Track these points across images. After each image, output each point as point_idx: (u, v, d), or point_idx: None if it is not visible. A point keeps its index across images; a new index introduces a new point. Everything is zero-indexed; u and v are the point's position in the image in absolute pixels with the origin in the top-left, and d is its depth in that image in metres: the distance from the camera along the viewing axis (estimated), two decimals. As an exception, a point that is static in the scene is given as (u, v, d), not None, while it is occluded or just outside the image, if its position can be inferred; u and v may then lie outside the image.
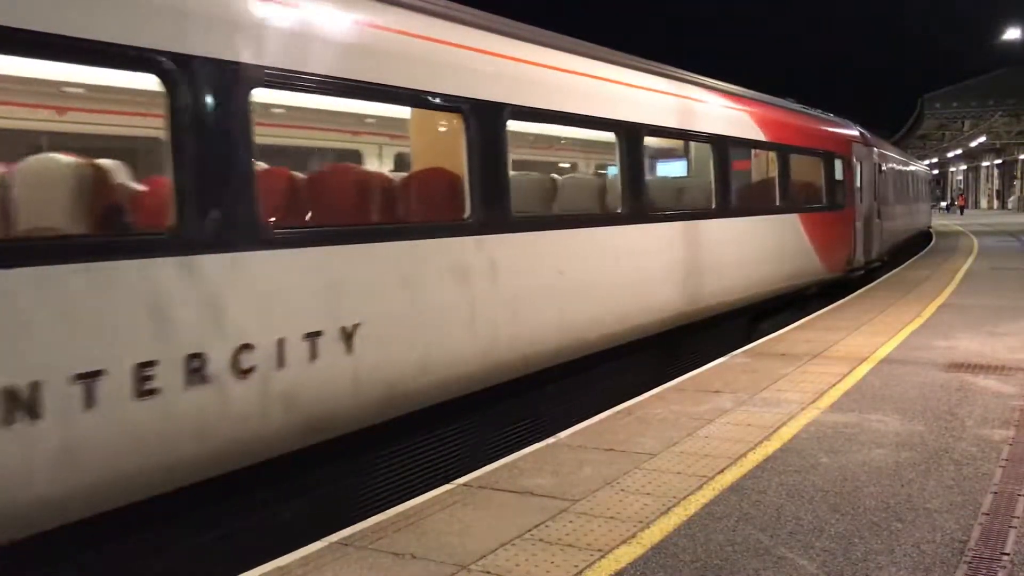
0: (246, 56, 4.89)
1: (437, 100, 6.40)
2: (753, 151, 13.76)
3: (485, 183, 6.72)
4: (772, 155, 13.39)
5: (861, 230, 17.63)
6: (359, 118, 9.70)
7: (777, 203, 13.11)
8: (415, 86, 6.17)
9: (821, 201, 15.16)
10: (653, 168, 13.62)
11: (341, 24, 5.67)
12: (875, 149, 20.39)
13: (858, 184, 17.67)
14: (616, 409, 7.32)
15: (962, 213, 68.97)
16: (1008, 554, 4.22)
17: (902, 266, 21.42)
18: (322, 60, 5.42)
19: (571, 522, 4.78)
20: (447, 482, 5.59)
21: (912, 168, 34.80)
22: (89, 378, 3.98)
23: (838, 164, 15.99)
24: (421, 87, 6.22)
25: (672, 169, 13.95)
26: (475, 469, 5.85)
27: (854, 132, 18.79)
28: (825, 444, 6.11)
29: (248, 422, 4.81)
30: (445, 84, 6.42)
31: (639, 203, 9.03)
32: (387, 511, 5.06)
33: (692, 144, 12.55)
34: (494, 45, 7.12)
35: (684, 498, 5.10)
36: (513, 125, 7.09)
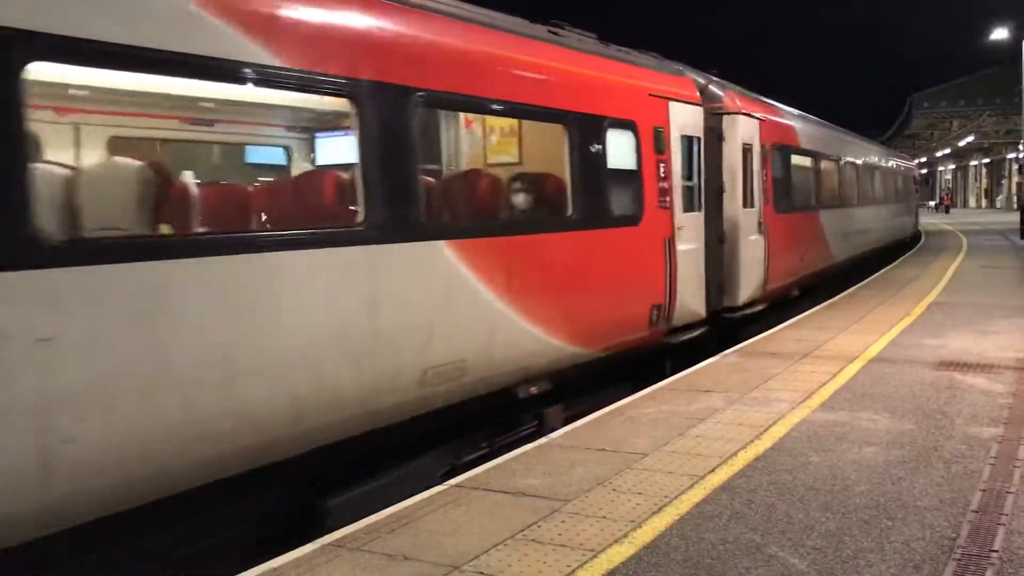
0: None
1: None
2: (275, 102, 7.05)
3: None
4: (366, 115, 5.74)
5: (697, 259, 10.17)
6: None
7: (359, 220, 5.68)
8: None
9: (560, 211, 7.88)
10: None
11: None
12: (753, 120, 12.34)
13: (691, 179, 10.25)
14: (608, 409, 7.33)
15: (948, 212, 69.38)
16: (997, 551, 4.25)
17: (891, 265, 21.50)
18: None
19: (563, 522, 4.79)
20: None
21: (878, 160, 26.10)
22: None
23: (621, 140, 8.68)
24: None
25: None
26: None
27: (680, 86, 10.39)
28: (816, 443, 6.14)
29: None
30: None
31: None
32: (380, 512, 5.06)
33: None
34: None
35: (676, 497, 5.12)
36: None
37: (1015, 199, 74.86)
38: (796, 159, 15.25)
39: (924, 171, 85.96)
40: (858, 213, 20.93)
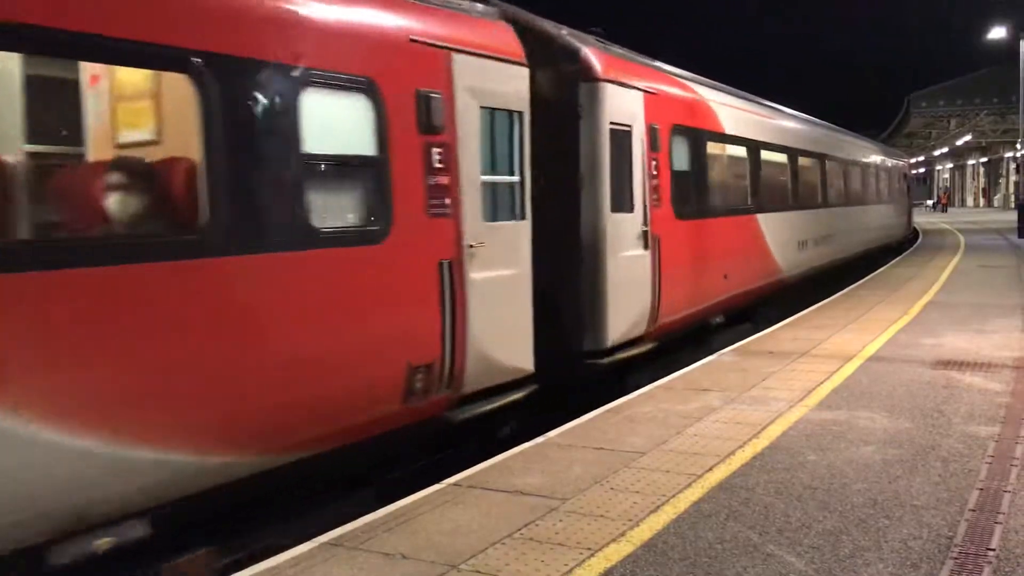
0: None
1: None
2: None
3: None
4: None
5: (516, 289, 7.17)
6: None
7: None
8: None
9: (182, 225, 4.83)
10: None
11: None
12: (632, 92, 9.11)
13: (511, 173, 7.34)
14: (606, 408, 7.33)
15: (945, 211, 69.44)
16: (994, 550, 4.26)
17: (888, 264, 21.51)
18: None
19: (561, 521, 4.79)
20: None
21: (854, 154, 21.93)
22: None
23: (339, 108, 5.75)
24: None
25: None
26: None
27: (483, 33, 7.11)
28: (813, 442, 6.14)
29: None
30: None
31: None
32: (377, 511, 5.06)
33: None
34: None
35: (673, 496, 5.12)
36: None
37: (1012, 198, 75.18)
38: (717, 148, 11.80)
39: (922, 170, 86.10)
40: (821, 216, 17.19)
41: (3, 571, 3.97)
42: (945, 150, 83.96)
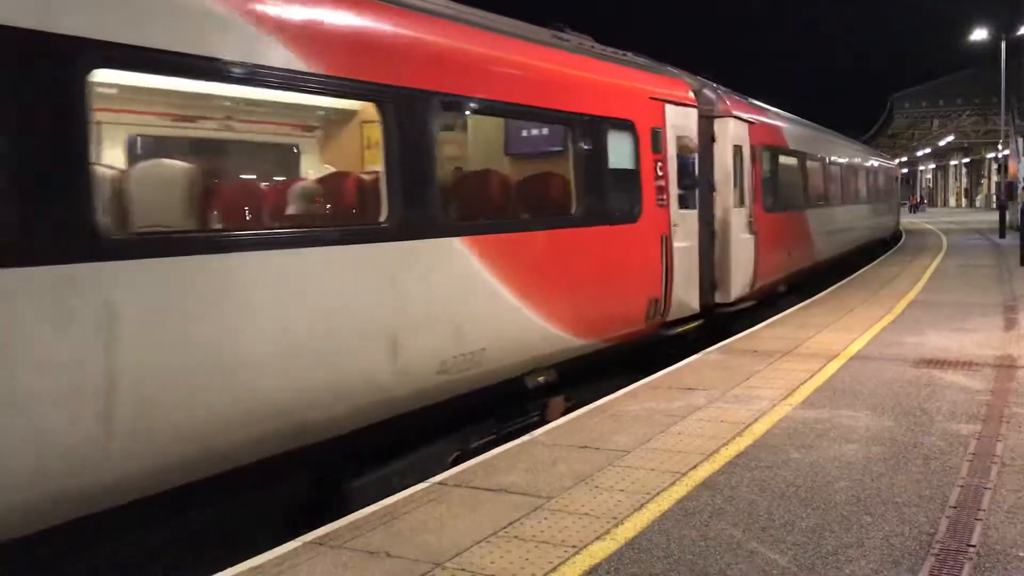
0: None
1: None
2: None
3: None
4: None
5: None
6: None
7: None
8: None
9: None
10: None
11: None
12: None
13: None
14: (590, 407, 7.35)
15: (913, 211, 69.85)
16: (974, 546, 4.30)
17: (872, 264, 21.65)
18: None
19: (545, 519, 4.80)
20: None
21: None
22: None
23: None
24: None
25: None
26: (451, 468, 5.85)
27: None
28: (797, 440, 6.18)
29: None
30: None
31: None
32: (362, 510, 5.06)
33: None
34: None
35: (657, 494, 5.14)
36: None
37: (994, 198, 75.79)
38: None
39: (905, 170, 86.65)
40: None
41: None
42: (928, 151, 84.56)
